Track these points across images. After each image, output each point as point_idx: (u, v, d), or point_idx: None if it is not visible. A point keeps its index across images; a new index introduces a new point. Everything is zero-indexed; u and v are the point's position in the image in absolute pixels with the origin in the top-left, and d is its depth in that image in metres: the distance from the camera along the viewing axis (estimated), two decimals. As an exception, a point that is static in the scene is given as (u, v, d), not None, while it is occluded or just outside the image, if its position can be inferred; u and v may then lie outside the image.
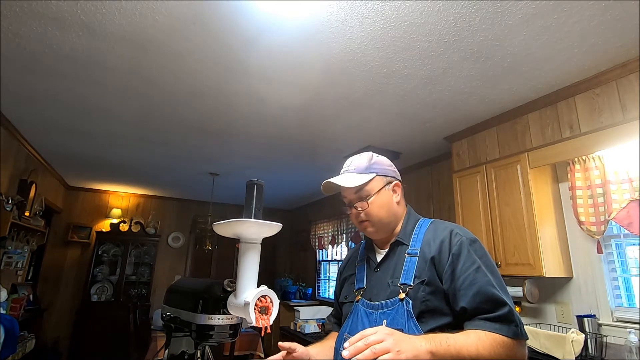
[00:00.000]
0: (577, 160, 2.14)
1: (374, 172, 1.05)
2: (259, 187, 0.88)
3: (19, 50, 1.90)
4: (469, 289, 0.87)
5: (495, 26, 1.64)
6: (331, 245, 5.08)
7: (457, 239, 0.94)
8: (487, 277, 0.88)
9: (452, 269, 0.90)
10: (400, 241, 1.03)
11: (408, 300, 0.90)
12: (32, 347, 3.61)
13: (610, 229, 2.09)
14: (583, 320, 2.03)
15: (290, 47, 1.84)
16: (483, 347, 0.80)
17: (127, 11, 1.60)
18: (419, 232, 1.02)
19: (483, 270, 0.89)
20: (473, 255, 0.91)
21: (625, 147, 1.89)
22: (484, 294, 0.86)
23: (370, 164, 1.06)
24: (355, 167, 1.06)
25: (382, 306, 0.95)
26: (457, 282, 0.89)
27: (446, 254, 0.93)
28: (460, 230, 0.98)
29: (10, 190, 3.17)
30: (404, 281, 0.94)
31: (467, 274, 0.89)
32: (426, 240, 0.98)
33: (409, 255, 0.98)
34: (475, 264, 0.90)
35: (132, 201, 5.59)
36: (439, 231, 0.99)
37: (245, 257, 0.86)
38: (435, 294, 0.90)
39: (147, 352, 3.37)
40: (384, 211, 1.03)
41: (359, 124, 2.79)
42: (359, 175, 1.04)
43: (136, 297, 5.01)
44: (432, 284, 0.91)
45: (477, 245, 0.95)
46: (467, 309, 0.86)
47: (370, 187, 1.03)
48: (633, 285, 2.01)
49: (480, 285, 0.87)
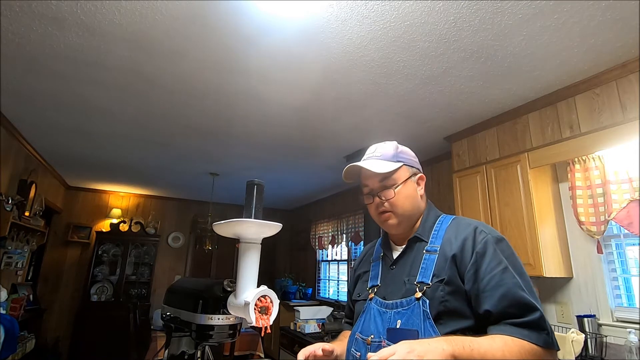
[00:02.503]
0: (577, 160, 2.14)
1: (401, 161, 0.99)
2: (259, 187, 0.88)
3: (19, 50, 1.90)
4: (494, 291, 0.80)
5: (495, 26, 1.64)
6: (331, 245, 5.08)
7: (482, 236, 0.87)
8: (514, 279, 0.81)
9: (475, 268, 0.84)
10: (419, 237, 0.96)
11: (425, 300, 0.84)
12: (32, 347, 3.61)
13: (610, 229, 2.09)
14: (583, 320, 2.03)
15: (290, 47, 1.84)
16: (510, 354, 0.73)
17: (127, 11, 1.60)
18: (440, 228, 0.96)
19: (510, 271, 0.82)
20: (499, 255, 0.85)
21: (625, 147, 1.89)
22: (511, 297, 0.79)
23: (397, 152, 1.00)
24: (381, 154, 1.00)
25: (396, 305, 0.89)
26: (481, 283, 0.82)
27: (469, 252, 0.86)
28: (486, 227, 0.91)
29: (10, 190, 3.17)
30: (421, 279, 0.88)
31: (493, 274, 0.82)
32: (447, 238, 0.91)
33: (428, 252, 0.92)
34: (501, 264, 0.83)
35: (132, 201, 5.59)
36: (462, 228, 0.92)
37: (245, 257, 0.86)
38: (456, 295, 0.84)
39: (147, 352, 3.37)
40: (408, 203, 0.97)
41: (359, 124, 2.79)
42: (386, 163, 0.97)
43: (136, 297, 5.01)
44: (452, 283, 0.84)
45: (504, 245, 0.88)
46: (491, 312, 0.79)
47: (397, 176, 0.97)
48: (633, 285, 2.01)
49: (507, 287, 0.80)
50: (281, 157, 3.70)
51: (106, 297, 4.96)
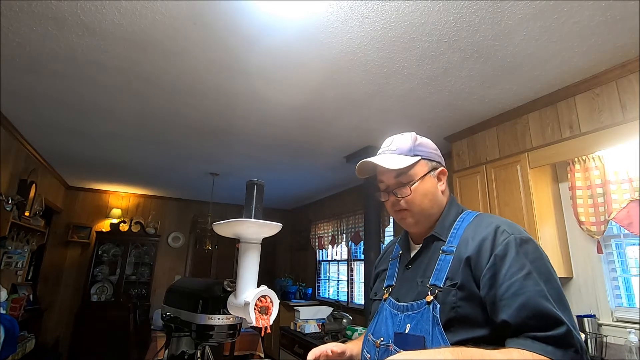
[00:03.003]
0: (577, 160, 2.14)
1: (419, 155, 0.91)
2: (259, 187, 0.88)
3: (19, 50, 1.90)
4: (513, 299, 0.71)
5: (495, 26, 1.64)
6: (331, 245, 5.08)
7: (503, 237, 0.78)
8: (538, 287, 0.72)
9: (492, 272, 0.75)
10: (436, 236, 0.89)
11: (436, 304, 0.78)
12: (32, 347, 3.61)
13: (610, 229, 2.09)
14: (583, 320, 2.03)
15: (290, 47, 1.84)
16: None
17: (127, 11, 1.60)
18: (460, 226, 0.88)
19: (534, 278, 0.73)
20: (522, 259, 0.75)
21: (625, 147, 1.89)
22: (532, 307, 0.69)
23: (414, 145, 0.93)
24: (397, 147, 0.92)
25: (407, 308, 0.84)
26: (498, 290, 0.73)
27: (487, 254, 0.77)
28: (509, 227, 0.81)
29: (10, 190, 3.17)
30: (434, 282, 0.81)
31: (513, 280, 0.73)
32: (465, 237, 0.84)
33: (444, 252, 0.84)
34: (524, 269, 0.74)
35: (132, 201, 5.59)
36: (482, 227, 0.83)
37: (245, 257, 0.85)
38: (469, 301, 0.76)
39: (147, 352, 3.37)
40: (427, 200, 0.90)
41: (359, 124, 2.79)
42: (402, 157, 0.90)
43: (136, 297, 5.01)
44: (465, 288, 0.77)
45: (530, 247, 0.78)
46: (509, 323, 0.70)
47: (414, 172, 0.90)
48: (633, 285, 2.01)
49: (528, 295, 0.71)
50: (281, 157, 3.70)
51: (106, 297, 4.96)
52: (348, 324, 3.72)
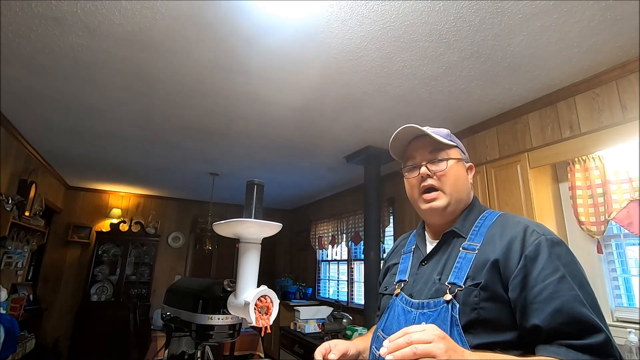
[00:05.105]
0: (577, 160, 2.14)
1: (455, 144, 0.91)
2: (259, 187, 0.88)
3: (19, 50, 1.90)
4: (546, 303, 0.67)
5: (495, 26, 1.64)
6: (331, 245, 5.08)
7: (534, 237, 0.74)
8: (574, 291, 0.68)
9: (523, 274, 0.71)
10: (457, 232, 0.85)
11: (455, 304, 0.74)
12: (32, 347, 3.61)
13: (610, 229, 2.09)
14: (583, 320, 2.03)
15: (290, 47, 1.84)
16: None
17: (127, 11, 1.60)
18: (482, 224, 0.84)
19: (569, 282, 0.69)
20: (556, 261, 0.71)
21: (625, 147, 1.89)
22: (568, 313, 0.65)
23: (450, 135, 0.93)
24: (434, 130, 0.91)
25: (423, 305, 0.80)
26: (530, 293, 0.69)
27: (517, 255, 0.73)
28: (539, 227, 0.77)
29: (10, 190, 3.17)
30: (453, 280, 0.77)
31: (546, 283, 0.68)
32: (490, 236, 0.80)
33: (465, 250, 0.81)
34: (558, 271, 0.70)
35: (132, 201, 5.59)
36: (510, 226, 0.79)
37: (245, 257, 0.85)
38: (493, 303, 0.72)
39: (147, 352, 3.37)
40: (460, 183, 0.87)
41: (359, 124, 2.79)
42: (441, 137, 0.89)
43: (136, 297, 5.01)
44: (490, 289, 0.72)
45: (563, 249, 0.74)
46: (541, 328, 0.66)
47: (451, 153, 0.89)
48: (633, 285, 2.01)
49: (564, 300, 0.66)
50: (281, 157, 3.70)
51: (106, 297, 4.96)
52: (348, 324, 3.73)
